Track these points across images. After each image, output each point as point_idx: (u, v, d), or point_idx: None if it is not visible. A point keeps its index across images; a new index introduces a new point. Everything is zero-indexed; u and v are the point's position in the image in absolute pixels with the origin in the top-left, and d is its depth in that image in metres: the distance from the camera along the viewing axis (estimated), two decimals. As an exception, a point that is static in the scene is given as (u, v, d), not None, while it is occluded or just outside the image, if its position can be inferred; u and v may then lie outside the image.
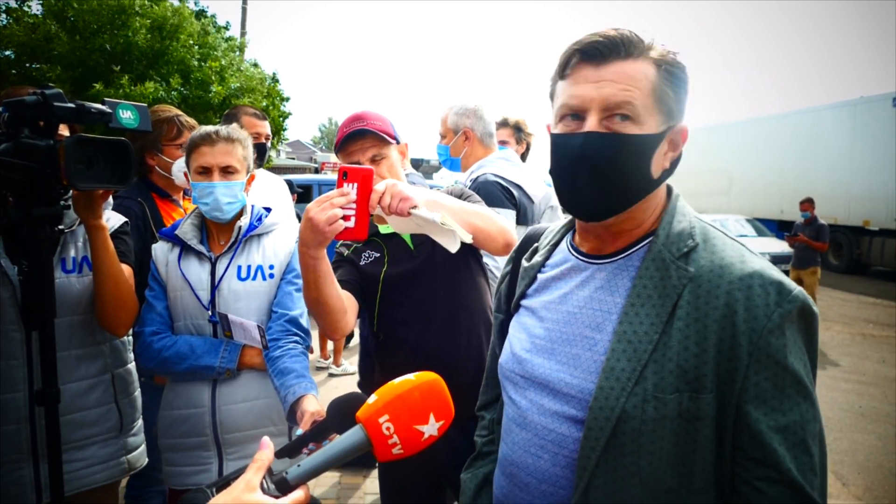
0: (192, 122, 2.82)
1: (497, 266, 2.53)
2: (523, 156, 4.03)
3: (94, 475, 2.02)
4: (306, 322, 2.17)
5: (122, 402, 2.11)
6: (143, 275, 2.21)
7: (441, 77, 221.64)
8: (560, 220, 1.37)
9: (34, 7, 14.24)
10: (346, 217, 1.46)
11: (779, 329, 0.99)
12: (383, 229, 2.03)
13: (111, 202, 2.21)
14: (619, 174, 1.08)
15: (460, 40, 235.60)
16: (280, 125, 16.56)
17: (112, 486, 2.13)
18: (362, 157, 1.94)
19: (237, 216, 2.17)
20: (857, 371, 7.42)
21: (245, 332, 2.06)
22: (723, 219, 15.18)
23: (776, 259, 12.54)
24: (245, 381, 2.12)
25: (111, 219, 2.09)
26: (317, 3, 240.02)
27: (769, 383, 0.99)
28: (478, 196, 2.11)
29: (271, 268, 2.17)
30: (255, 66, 16.70)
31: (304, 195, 10.40)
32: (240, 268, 2.14)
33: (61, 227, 1.92)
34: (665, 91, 1.09)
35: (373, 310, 2.02)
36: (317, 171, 30.78)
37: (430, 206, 1.62)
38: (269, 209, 2.30)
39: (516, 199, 2.87)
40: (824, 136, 16.43)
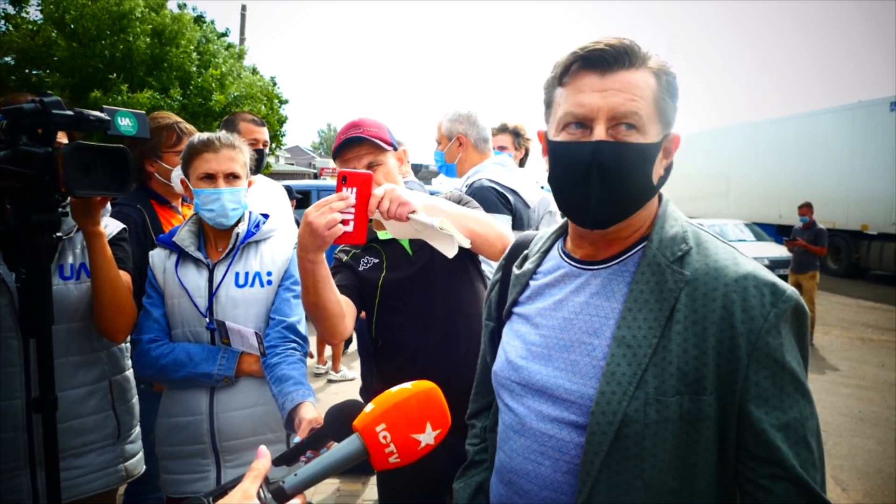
0: (192, 128, 2.82)
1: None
2: (522, 161, 4.03)
3: (92, 483, 2.01)
4: (304, 328, 2.17)
5: (120, 410, 2.10)
6: (143, 282, 2.20)
7: (441, 82, 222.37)
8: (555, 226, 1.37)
9: (32, 13, 14.27)
10: (344, 221, 1.47)
11: (775, 329, 1.01)
12: (382, 235, 2.03)
13: (109, 209, 2.22)
14: (626, 182, 1.09)
15: (461, 45, 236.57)
16: (277, 129, 16.56)
17: (110, 493, 2.12)
18: (358, 164, 1.95)
19: (236, 223, 2.17)
20: (857, 375, 7.42)
21: (243, 340, 2.06)
22: (721, 223, 15.20)
23: (775, 263, 12.55)
24: (243, 388, 2.11)
25: (109, 225, 2.09)
26: (315, 9, 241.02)
27: (769, 382, 1.00)
28: (476, 202, 2.11)
29: (269, 274, 2.17)
30: (254, 73, 16.73)
31: (302, 201, 10.41)
32: (237, 274, 2.14)
33: (59, 233, 1.92)
34: (665, 100, 1.11)
35: (371, 315, 2.02)
36: (316, 176, 30.83)
37: (428, 210, 1.62)
38: (266, 216, 2.30)
39: (512, 205, 2.87)
40: (823, 141, 16.47)
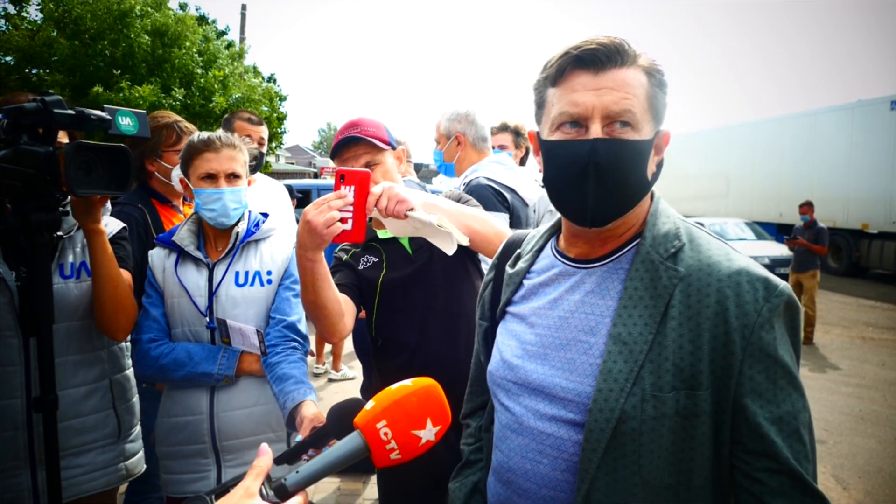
0: (192, 127, 2.82)
1: None
2: (523, 160, 4.03)
3: (93, 482, 2.01)
4: (304, 328, 2.17)
5: (121, 408, 2.10)
6: (144, 280, 2.20)
7: (442, 81, 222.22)
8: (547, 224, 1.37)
9: (33, 13, 14.28)
10: (343, 220, 1.47)
11: (768, 323, 1.02)
12: (382, 234, 2.04)
13: (109, 207, 2.22)
14: (623, 180, 1.10)
15: (462, 44, 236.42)
16: (278, 126, 16.56)
17: (110, 492, 2.12)
18: (356, 163, 1.95)
19: (236, 222, 2.17)
20: (857, 374, 7.42)
21: (243, 338, 2.06)
22: (722, 222, 15.20)
23: (776, 262, 12.56)
24: (243, 387, 2.11)
25: (109, 224, 2.09)
26: (315, 8, 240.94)
27: (763, 376, 1.01)
28: (475, 200, 2.11)
29: (269, 273, 2.17)
30: (255, 74, 16.74)
31: (303, 200, 10.41)
32: (237, 274, 2.14)
33: (59, 232, 1.92)
34: (656, 97, 1.12)
35: (371, 314, 2.02)
36: (316, 175, 30.83)
37: (426, 208, 1.62)
38: (266, 215, 2.30)
39: (509, 203, 2.87)
40: (823, 140, 16.47)
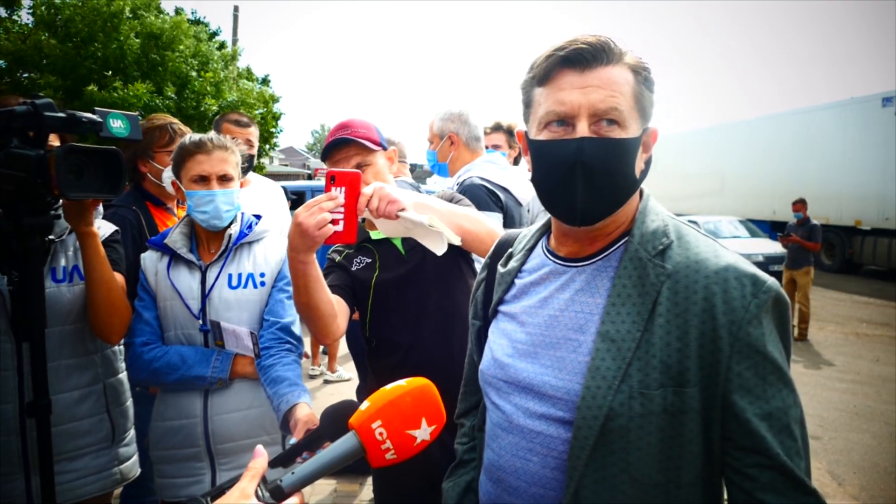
0: (186, 129, 2.81)
1: None
2: (517, 160, 4.03)
3: (87, 486, 2.00)
4: (298, 329, 2.16)
5: (115, 412, 2.09)
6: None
7: (436, 82, 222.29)
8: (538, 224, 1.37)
9: (24, 17, 14.23)
10: (334, 221, 1.47)
11: (756, 319, 1.02)
12: (375, 235, 2.03)
13: (101, 211, 2.20)
14: (612, 178, 1.10)
15: (455, 44, 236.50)
16: (273, 126, 16.55)
17: (105, 496, 2.11)
18: (347, 165, 1.95)
19: (228, 224, 2.15)
20: (852, 370, 7.46)
21: (237, 340, 2.05)
22: (716, 220, 15.23)
23: (770, 259, 12.58)
24: (237, 390, 2.10)
25: (101, 227, 2.08)
26: (309, 10, 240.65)
27: (751, 372, 1.01)
28: (468, 200, 2.11)
29: (262, 276, 2.16)
30: (249, 76, 16.71)
31: (297, 201, 10.37)
32: (230, 276, 2.13)
33: (51, 236, 1.91)
34: (643, 95, 1.12)
35: (365, 315, 2.02)
36: (310, 177, 30.80)
37: (418, 208, 1.62)
38: (259, 216, 2.29)
39: (503, 203, 2.87)
40: (816, 137, 16.55)
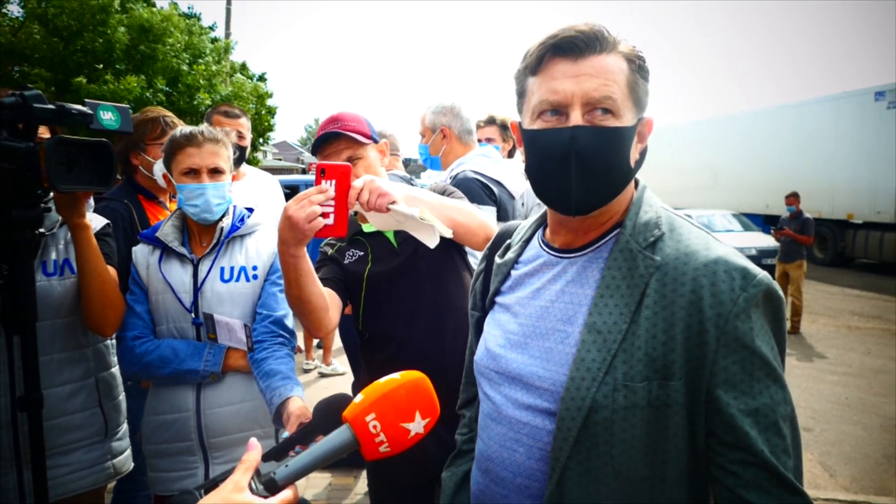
0: (178, 121, 2.79)
1: None
2: (511, 153, 4.03)
3: (80, 480, 2.00)
4: (291, 323, 2.15)
5: (107, 406, 2.09)
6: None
7: (430, 75, 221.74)
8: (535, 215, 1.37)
9: (14, 10, 14.13)
10: (325, 214, 1.46)
11: (745, 313, 0.99)
12: (367, 228, 2.03)
13: (92, 203, 2.19)
14: (606, 167, 1.08)
15: (448, 38, 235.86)
16: (268, 120, 16.50)
17: (98, 491, 2.10)
18: (337, 158, 1.94)
19: (220, 217, 2.14)
20: (843, 363, 7.51)
21: (230, 333, 2.04)
22: (709, 214, 15.28)
23: (763, 253, 12.64)
24: (230, 384, 2.09)
25: (93, 220, 2.06)
26: (301, 4, 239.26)
27: (738, 367, 0.99)
28: (460, 192, 2.11)
29: (255, 269, 2.15)
30: (243, 70, 16.63)
31: (290, 195, 10.33)
32: (223, 269, 2.12)
33: (41, 230, 1.90)
34: (637, 84, 1.11)
35: (357, 308, 2.01)
36: (304, 171, 30.75)
37: (409, 201, 1.62)
38: (251, 209, 2.28)
39: (496, 196, 2.87)
40: (809, 131, 16.61)
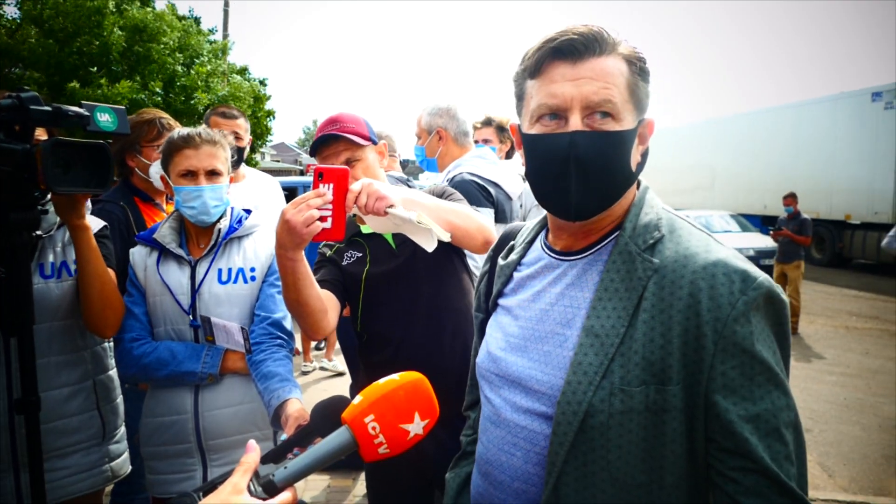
0: (174, 123, 2.78)
1: (479, 266, 2.53)
2: (508, 154, 4.03)
3: (77, 483, 1.99)
4: (289, 324, 2.15)
5: (105, 409, 2.08)
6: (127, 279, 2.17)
7: (427, 76, 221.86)
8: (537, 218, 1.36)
9: (10, 11, 14.12)
10: (322, 218, 1.45)
11: (744, 317, 0.97)
12: (365, 229, 2.02)
13: (89, 206, 2.18)
14: (606, 172, 1.07)
15: (446, 39, 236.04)
16: (266, 122, 16.52)
17: (96, 494, 2.09)
18: (336, 160, 1.94)
19: (218, 219, 2.14)
20: (842, 363, 7.52)
21: (228, 336, 2.04)
22: (707, 214, 15.30)
23: (761, 254, 12.67)
24: (228, 386, 2.09)
25: (90, 222, 2.05)
26: (299, 6, 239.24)
27: (737, 372, 0.96)
28: (459, 194, 2.10)
29: (252, 270, 2.15)
30: (243, 73, 16.63)
31: (289, 197, 10.31)
32: (220, 271, 2.11)
33: (39, 232, 1.89)
34: (638, 85, 1.09)
35: (356, 310, 2.01)
36: (302, 173, 30.75)
37: (407, 204, 1.61)
38: (248, 211, 2.28)
39: (493, 197, 2.86)
40: (806, 131, 16.64)
